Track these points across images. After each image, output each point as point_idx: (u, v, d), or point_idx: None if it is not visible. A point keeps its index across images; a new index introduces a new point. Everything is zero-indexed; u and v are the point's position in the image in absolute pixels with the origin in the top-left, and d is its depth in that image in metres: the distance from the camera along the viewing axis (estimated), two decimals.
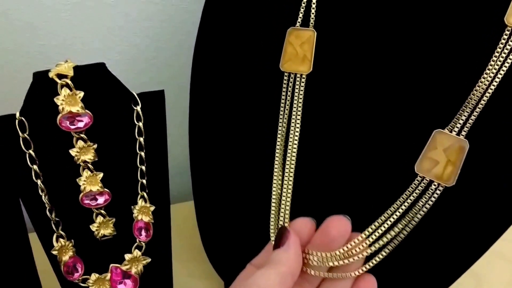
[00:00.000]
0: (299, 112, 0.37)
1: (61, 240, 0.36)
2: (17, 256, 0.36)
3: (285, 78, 0.38)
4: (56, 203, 0.36)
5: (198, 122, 0.43)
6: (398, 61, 0.36)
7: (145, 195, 0.37)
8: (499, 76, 0.32)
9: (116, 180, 0.36)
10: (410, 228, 0.34)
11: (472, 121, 0.33)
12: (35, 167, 0.34)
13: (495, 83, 0.32)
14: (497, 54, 0.32)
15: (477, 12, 0.33)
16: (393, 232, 0.34)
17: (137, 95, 0.36)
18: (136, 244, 0.37)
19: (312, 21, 0.37)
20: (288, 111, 0.38)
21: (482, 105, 0.32)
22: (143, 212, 0.37)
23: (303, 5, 0.38)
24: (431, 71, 0.35)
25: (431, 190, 0.33)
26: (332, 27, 0.37)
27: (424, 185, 0.34)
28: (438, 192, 0.33)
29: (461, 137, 0.33)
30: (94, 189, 0.35)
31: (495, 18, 0.32)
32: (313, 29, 0.37)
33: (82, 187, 0.35)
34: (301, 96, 0.37)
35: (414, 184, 0.34)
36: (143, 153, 0.37)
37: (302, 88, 0.37)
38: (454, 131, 0.33)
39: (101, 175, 0.35)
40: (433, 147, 0.33)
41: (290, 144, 0.38)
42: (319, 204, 0.38)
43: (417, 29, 0.35)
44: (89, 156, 0.35)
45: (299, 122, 0.38)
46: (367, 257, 0.35)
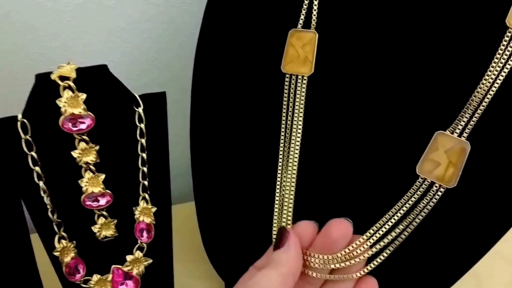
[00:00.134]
0: (301, 114, 0.37)
1: (63, 242, 0.36)
2: (18, 257, 0.36)
3: (286, 79, 0.38)
4: (58, 204, 0.36)
5: (199, 123, 0.43)
6: (400, 62, 0.36)
7: (146, 196, 0.37)
8: (501, 78, 0.32)
9: (118, 182, 0.36)
10: (411, 230, 0.34)
11: (473, 122, 0.33)
12: (37, 168, 0.35)
13: (496, 85, 0.32)
14: (498, 56, 0.32)
15: (479, 14, 0.33)
16: (394, 233, 0.34)
17: (139, 96, 0.36)
18: (138, 245, 0.37)
19: (313, 22, 0.37)
20: (290, 113, 0.38)
21: (483, 107, 0.32)
22: (144, 213, 0.37)
23: (304, 6, 0.38)
24: (432, 72, 0.35)
25: (432, 191, 0.33)
26: (334, 28, 0.37)
27: (426, 186, 0.34)
28: (439, 193, 0.33)
29: (463, 138, 0.33)
30: (96, 190, 0.35)
31: (497, 20, 0.32)
32: (315, 31, 0.37)
33: (84, 189, 0.35)
34: (303, 98, 0.37)
35: (415, 186, 0.34)
36: (144, 155, 0.37)
37: (303, 90, 0.37)
38: (455, 132, 0.33)
39: (103, 176, 0.35)
40: (434, 148, 0.33)
41: (292, 146, 0.38)
42: (321, 205, 0.38)
43: (418, 31, 0.35)
44: (91, 157, 0.35)
45: (301, 124, 0.38)
46: (368, 258, 0.35)
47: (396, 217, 0.34)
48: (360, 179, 0.37)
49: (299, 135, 0.38)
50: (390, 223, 0.35)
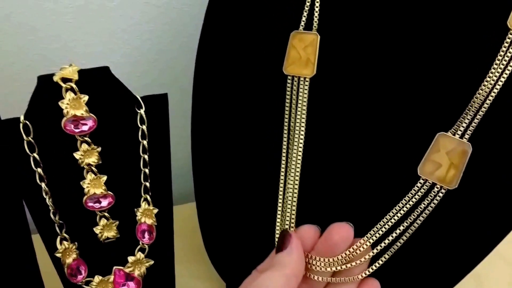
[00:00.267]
0: (304, 116, 0.38)
1: (65, 243, 0.36)
2: (20, 258, 0.36)
3: (288, 81, 0.38)
4: (60, 205, 0.36)
5: (201, 124, 0.43)
6: (401, 64, 0.36)
7: (148, 197, 0.38)
8: (502, 80, 0.32)
9: (119, 183, 0.36)
10: (412, 231, 0.34)
11: (475, 124, 0.33)
12: (39, 170, 0.35)
13: (498, 87, 0.32)
14: (499, 57, 0.32)
15: (480, 16, 0.33)
16: (395, 234, 0.34)
17: (141, 98, 0.36)
18: (139, 246, 0.37)
19: (315, 24, 0.37)
20: (292, 115, 0.38)
21: (485, 108, 0.32)
22: (146, 214, 0.37)
23: (306, 8, 0.38)
24: (434, 74, 0.35)
25: (433, 192, 0.34)
26: (336, 30, 0.37)
27: (427, 187, 0.34)
28: (440, 194, 0.33)
29: (464, 140, 0.33)
30: (98, 192, 0.35)
31: (498, 21, 0.33)
32: (317, 33, 0.37)
33: (86, 190, 0.35)
34: (305, 100, 0.37)
35: (416, 187, 0.34)
36: (146, 156, 0.37)
37: (305, 92, 0.37)
38: (457, 134, 0.33)
39: (104, 178, 0.35)
40: (436, 150, 0.33)
41: (295, 147, 0.38)
42: (323, 207, 0.39)
43: (420, 32, 0.35)
44: (93, 159, 0.35)
45: (303, 125, 0.38)
46: (371, 260, 0.35)
47: (396, 218, 0.34)
48: (362, 180, 0.38)
49: (301, 137, 0.38)
50: (390, 223, 0.35)
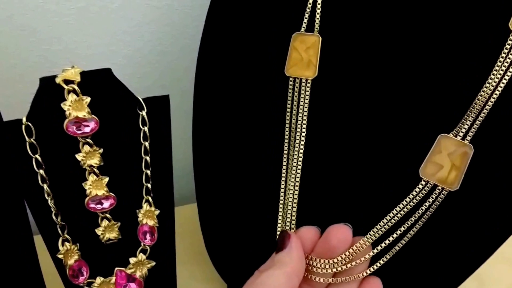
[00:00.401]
0: (305, 117, 0.38)
1: (67, 244, 0.36)
2: (22, 259, 0.36)
3: (290, 83, 0.38)
4: (62, 207, 0.36)
5: (202, 125, 0.44)
6: (403, 65, 0.36)
7: (150, 199, 0.38)
8: (504, 81, 0.32)
9: (121, 184, 0.36)
10: (414, 232, 0.34)
11: (477, 126, 0.33)
12: (41, 171, 0.35)
13: (500, 88, 0.32)
14: (501, 59, 0.32)
15: (482, 17, 0.34)
16: (395, 234, 0.34)
17: (143, 100, 0.36)
18: (141, 247, 0.37)
19: (317, 26, 0.38)
20: (293, 116, 0.38)
21: (487, 110, 0.32)
22: (148, 216, 0.37)
23: (307, 10, 0.38)
24: (436, 75, 0.35)
25: (435, 194, 0.34)
26: (337, 32, 0.38)
27: (428, 189, 0.34)
28: (442, 196, 0.33)
29: (466, 141, 0.33)
30: (100, 193, 0.35)
31: (500, 24, 0.33)
32: (318, 34, 0.37)
33: (87, 191, 0.35)
34: (307, 101, 0.38)
35: (418, 188, 0.34)
36: (148, 158, 0.37)
37: (307, 93, 0.38)
38: (459, 135, 0.33)
39: (106, 179, 0.35)
40: (437, 151, 0.33)
41: (296, 149, 0.38)
42: (325, 208, 0.39)
43: (422, 34, 0.35)
44: (95, 160, 0.35)
45: (304, 127, 0.38)
46: (371, 259, 0.35)
47: (397, 218, 0.35)
48: (363, 182, 0.38)
49: (303, 138, 0.38)
50: (390, 224, 0.35)
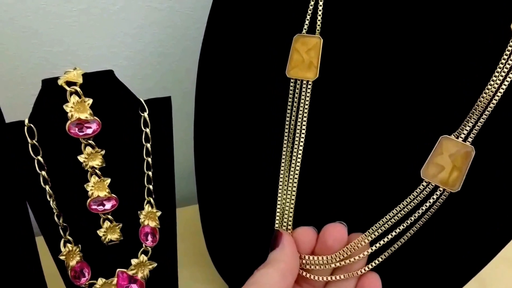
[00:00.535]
0: (305, 119, 0.38)
1: (69, 245, 0.36)
2: (24, 260, 0.37)
3: (291, 84, 0.38)
4: (63, 208, 0.36)
5: (203, 127, 0.44)
6: (405, 67, 0.36)
7: (151, 200, 0.38)
8: (506, 83, 0.32)
9: (123, 186, 0.36)
10: (413, 231, 0.34)
11: (478, 127, 0.33)
12: (43, 173, 0.35)
13: (501, 90, 0.32)
14: (503, 61, 0.32)
15: (483, 19, 0.34)
16: (394, 233, 0.35)
17: (145, 101, 0.36)
18: (143, 249, 0.37)
19: (318, 28, 0.38)
20: (294, 118, 0.38)
21: (488, 112, 0.32)
22: (149, 217, 0.37)
23: (309, 12, 0.38)
24: (437, 77, 0.35)
25: (436, 195, 0.34)
26: (339, 33, 0.38)
27: (429, 190, 0.34)
28: (443, 197, 0.34)
29: (467, 143, 0.33)
30: (102, 194, 0.35)
31: (502, 25, 0.33)
32: (319, 36, 0.37)
33: (89, 193, 0.35)
34: (307, 103, 0.38)
35: (419, 189, 0.34)
36: (149, 159, 0.37)
37: (308, 95, 0.38)
38: (460, 137, 0.33)
39: (108, 180, 0.36)
40: (439, 152, 0.33)
41: (295, 151, 0.38)
42: (324, 209, 0.39)
43: (423, 36, 0.35)
44: (97, 162, 0.35)
45: (304, 128, 0.38)
46: (369, 257, 0.35)
47: (397, 217, 0.35)
48: (364, 182, 0.38)
49: (302, 140, 0.38)
50: (390, 223, 0.35)
